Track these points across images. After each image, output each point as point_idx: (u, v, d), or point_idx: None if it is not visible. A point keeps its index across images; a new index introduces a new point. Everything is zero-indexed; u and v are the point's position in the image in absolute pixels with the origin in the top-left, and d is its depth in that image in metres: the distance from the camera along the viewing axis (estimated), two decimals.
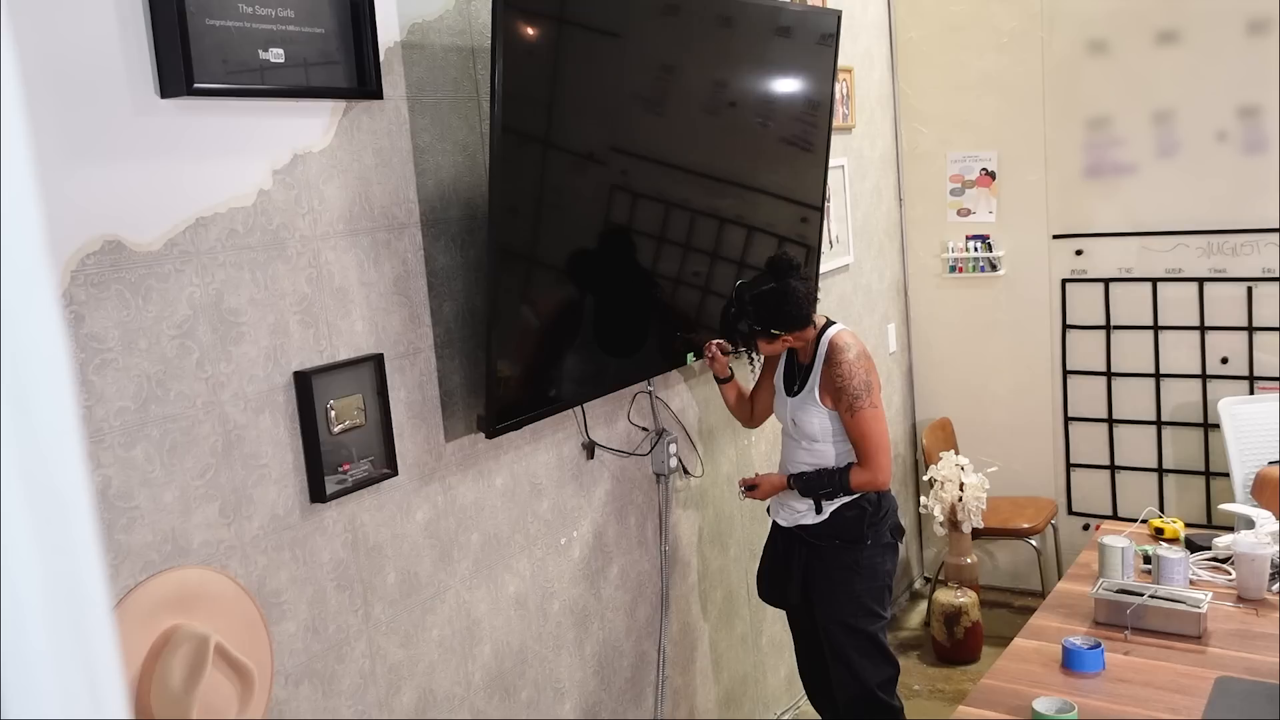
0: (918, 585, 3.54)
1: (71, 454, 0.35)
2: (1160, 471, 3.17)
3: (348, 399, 1.52)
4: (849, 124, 3.04)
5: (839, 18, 2.44)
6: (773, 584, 2.20)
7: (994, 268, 3.32)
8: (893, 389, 3.39)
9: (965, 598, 3.00)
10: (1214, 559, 2.13)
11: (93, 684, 0.35)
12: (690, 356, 2.16)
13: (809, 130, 2.40)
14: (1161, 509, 3.12)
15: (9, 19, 0.33)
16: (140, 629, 1.26)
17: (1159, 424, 3.15)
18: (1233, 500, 2.65)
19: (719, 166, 2.14)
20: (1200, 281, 3.02)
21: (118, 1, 1.24)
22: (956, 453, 3.14)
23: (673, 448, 2.25)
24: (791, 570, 2.14)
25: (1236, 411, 2.82)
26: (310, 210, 1.48)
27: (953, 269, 3.38)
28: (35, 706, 0.33)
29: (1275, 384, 2.96)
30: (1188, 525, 2.35)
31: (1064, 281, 3.22)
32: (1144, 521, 2.34)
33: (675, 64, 1.97)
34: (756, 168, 2.28)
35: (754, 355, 2.07)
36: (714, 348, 2.13)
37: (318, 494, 1.48)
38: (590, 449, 2.06)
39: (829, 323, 2.06)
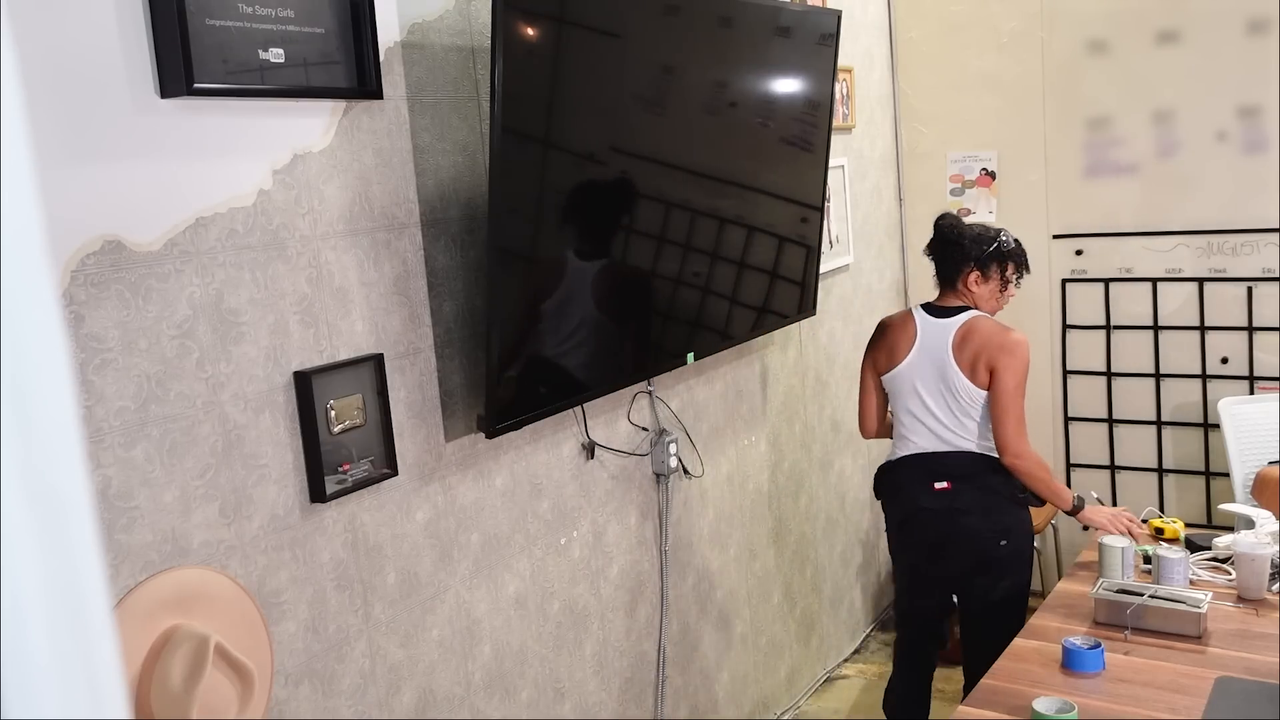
0: None
1: (72, 454, 0.35)
2: (1160, 471, 3.18)
3: (348, 399, 1.52)
4: (849, 124, 3.04)
5: (839, 18, 2.44)
6: None
7: None
8: None
9: None
10: (1214, 559, 2.13)
11: (93, 685, 0.35)
12: (690, 356, 2.17)
13: (809, 130, 2.41)
14: (1162, 509, 3.13)
15: (9, 19, 0.33)
16: (140, 629, 1.26)
17: (1159, 424, 3.15)
18: (1233, 500, 2.65)
19: (719, 167, 2.14)
20: (1200, 281, 3.02)
21: (118, 2, 1.24)
22: None
23: (673, 448, 2.25)
24: None
25: (1236, 411, 2.82)
26: (310, 210, 1.49)
27: None
28: (36, 707, 0.33)
29: (1275, 384, 2.97)
30: (1188, 525, 2.35)
31: (1064, 281, 3.22)
32: (1144, 521, 2.34)
33: (675, 64, 1.97)
34: (757, 168, 2.28)
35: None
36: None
37: (318, 494, 1.48)
38: (590, 449, 2.06)
39: (923, 304, 2.31)
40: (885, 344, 2.25)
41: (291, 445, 1.45)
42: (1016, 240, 2.25)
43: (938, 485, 2.18)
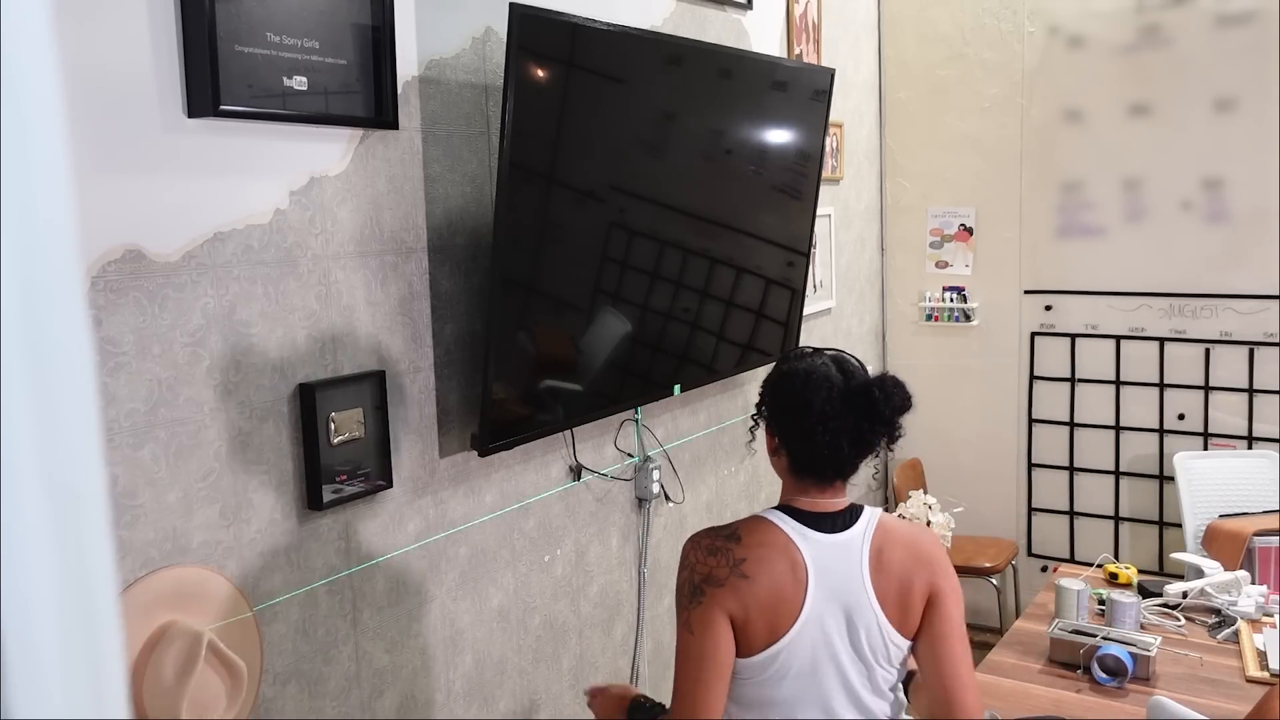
0: None
1: (91, 458, 0.35)
2: (1117, 519, 3.29)
3: (348, 412, 1.57)
4: (837, 175, 3.16)
5: (832, 75, 2.54)
6: None
7: (968, 318, 3.45)
8: None
9: None
10: (1165, 605, 2.23)
11: (97, 684, 0.35)
12: (677, 388, 2.24)
13: (799, 179, 2.51)
14: (1116, 555, 3.24)
15: (55, 39, 0.34)
16: (136, 623, 1.29)
17: (1117, 474, 3.27)
18: (1184, 550, 2.75)
19: (713, 209, 2.22)
20: (1161, 341, 3.16)
21: (152, 25, 1.29)
22: (925, 492, 3.23)
23: (656, 474, 2.31)
24: None
25: (1190, 466, 2.94)
26: (323, 231, 1.54)
27: (929, 317, 3.50)
28: (40, 706, 0.33)
29: (1228, 441, 3.10)
30: (1140, 571, 2.45)
31: (1033, 334, 3.35)
32: (1099, 566, 2.44)
33: (676, 111, 2.06)
34: (748, 212, 2.36)
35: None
36: None
37: (315, 502, 1.52)
38: (577, 471, 2.12)
39: (782, 507, 1.27)
40: (756, 593, 1.20)
41: (292, 454, 1.50)
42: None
43: None
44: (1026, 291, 3.35)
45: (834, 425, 1.24)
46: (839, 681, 1.24)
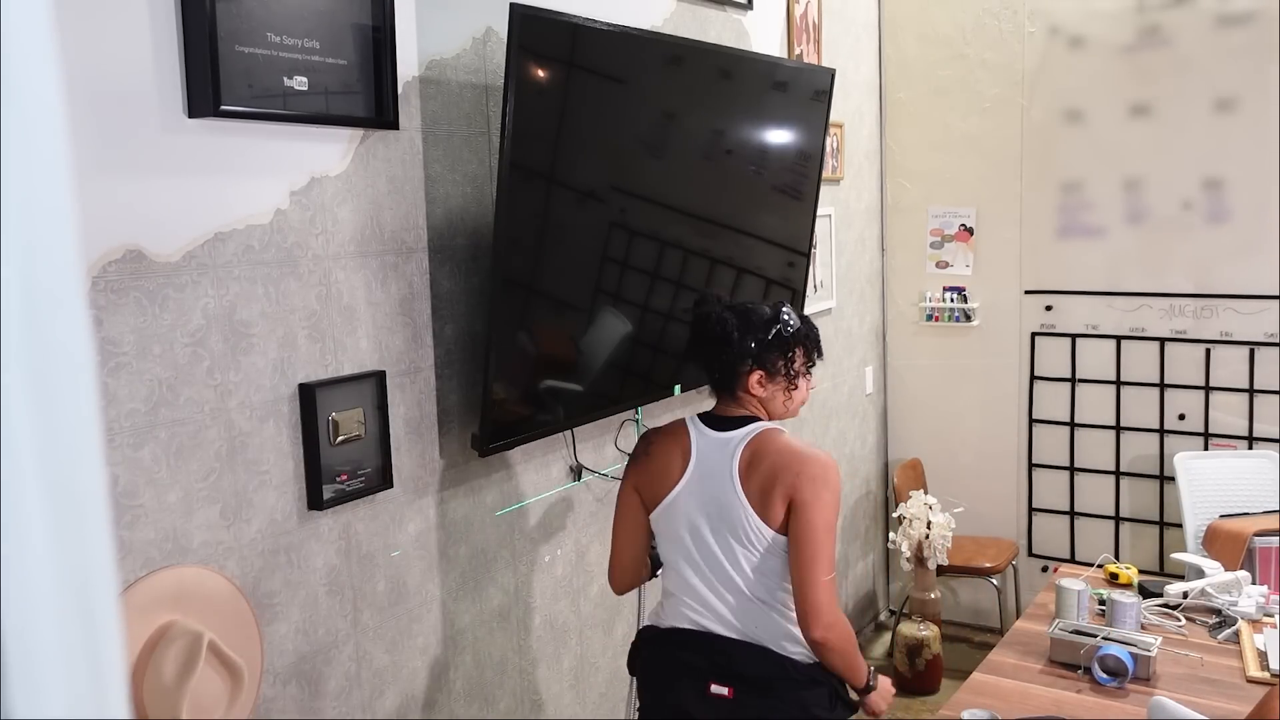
0: (883, 617, 3.62)
1: (91, 458, 0.35)
2: (1117, 519, 3.29)
3: (349, 412, 1.57)
4: (837, 175, 3.17)
5: (833, 76, 2.54)
6: None
7: (968, 318, 3.45)
8: (867, 429, 3.49)
9: (927, 631, 3.09)
10: (1165, 605, 2.23)
11: (97, 685, 0.35)
12: (677, 388, 2.24)
13: (799, 180, 2.51)
14: (1117, 555, 3.24)
15: (55, 39, 0.34)
16: (137, 623, 1.29)
17: (1118, 474, 3.27)
18: (1184, 550, 2.75)
19: (713, 210, 2.23)
20: (1161, 341, 3.16)
21: (153, 25, 1.30)
22: (925, 492, 3.24)
23: None
24: None
25: (1191, 466, 2.94)
26: (324, 231, 1.55)
27: (929, 318, 3.50)
28: (40, 706, 0.33)
29: (1229, 441, 3.10)
30: (1141, 572, 2.45)
31: (1033, 335, 3.35)
32: (1100, 566, 2.44)
33: (676, 111, 2.07)
34: (748, 212, 2.36)
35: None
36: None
37: (315, 502, 1.53)
38: (577, 471, 2.13)
39: (702, 413, 1.67)
40: (651, 466, 1.63)
41: (293, 454, 1.50)
42: (802, 317, 1.65)
43: (715, 689, 1.53)
44: (1027, 291, 3.35)
45: (705, 353, 1.65)
46: (705, 545, 1.59)
